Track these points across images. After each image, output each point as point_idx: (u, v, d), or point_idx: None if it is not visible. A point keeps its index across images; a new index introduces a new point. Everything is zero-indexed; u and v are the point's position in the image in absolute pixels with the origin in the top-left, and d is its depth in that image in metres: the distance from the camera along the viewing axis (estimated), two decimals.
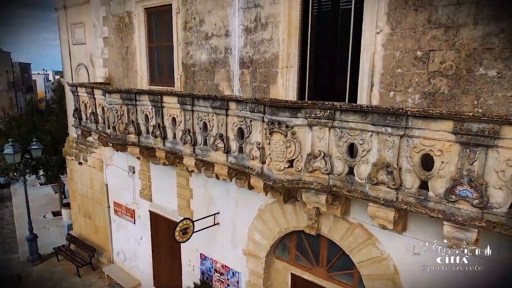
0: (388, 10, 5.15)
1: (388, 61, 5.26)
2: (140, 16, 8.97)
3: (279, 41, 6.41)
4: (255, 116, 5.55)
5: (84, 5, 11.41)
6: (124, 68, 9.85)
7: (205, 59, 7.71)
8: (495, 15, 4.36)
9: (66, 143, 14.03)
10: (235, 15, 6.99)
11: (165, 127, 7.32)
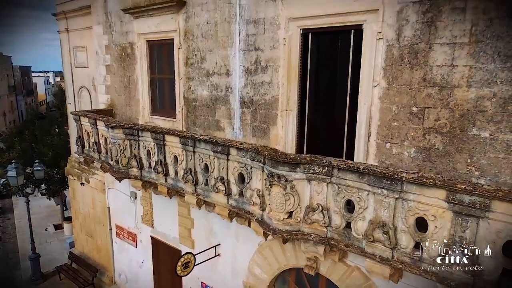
0: (384, 65, 5.30)
1: (385, 114, 5.41)
2: (142, 47, 9.11)
3: (279, 85, 6.56)
4: (255, 164, 5.70)
5: (87, 30, 11.56)
6: (126, 97, 9.99)
7: (206, 95, 7.86)
8: (487, 80, 4.51)
9: (69, 163, 14.18)
10: (235, 56, 7.14)
11: (167, 164, 7.47)
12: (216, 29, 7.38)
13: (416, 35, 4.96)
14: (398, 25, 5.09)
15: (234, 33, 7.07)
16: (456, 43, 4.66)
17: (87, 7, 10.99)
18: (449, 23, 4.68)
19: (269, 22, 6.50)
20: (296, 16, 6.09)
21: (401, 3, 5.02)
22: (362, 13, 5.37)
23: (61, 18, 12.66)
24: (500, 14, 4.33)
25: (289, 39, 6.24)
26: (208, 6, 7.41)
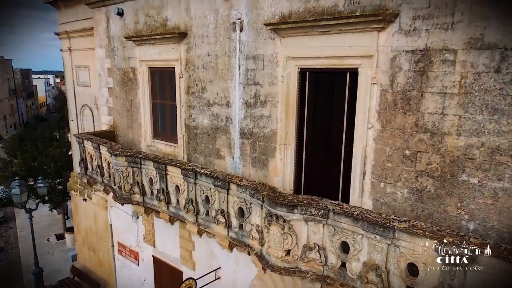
0: (378, 109, 5.52)
1: (379, 155, 5.62)
2: (144, 73, 9.32)
3: (278, 119, 6.77)
4: (254, 201, 5.92)
5: (89, 50, 11.76)
6: (128, 119, 10.21)
7: (207, 124, 8.07)
8: (476, 129, 4.72)
9: (71, 178, 14.39)
10: (235, 89, 7.35)
11: (169, 192, 7.68)
12: (216, 61, 7.60)
13: (408, 83, 5.18)
14: (391, 71, 5.31)
15: (234, 67, 7.28)
16: (447, 93, 4.88)
17: (90, 29, 11.19)
18: (440, 74, 4.90)
19: (268, 59, 6.71)
20: (294, 56, 6.31)
21: (395, 52, 5.23)
22: (357, 57, 5.58)
23: (64, 37, 12.86)
24: (488, 68, 4.54)
25: (288, 76, 6.45)
26: (209, 39, 7.62)
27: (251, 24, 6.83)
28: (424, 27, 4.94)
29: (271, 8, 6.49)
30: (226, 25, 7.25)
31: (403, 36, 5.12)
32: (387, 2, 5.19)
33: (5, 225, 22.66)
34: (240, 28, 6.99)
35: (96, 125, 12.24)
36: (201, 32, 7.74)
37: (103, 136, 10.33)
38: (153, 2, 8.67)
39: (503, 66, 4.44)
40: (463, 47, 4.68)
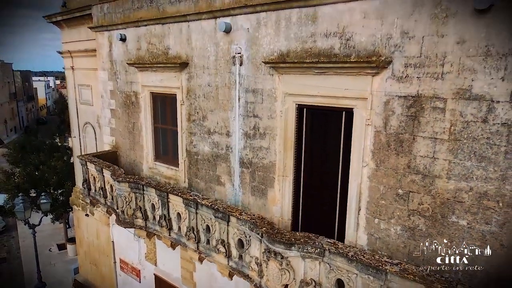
0: (373, 148, 5.75)
1: (373, 192, 5.85)
2: (146, 98, 9.55)
3: (276, 152, 7.00)
4: (253, 235, 6.15)
5: (92, 71, 11.98)
6: (130, 141, 10.43)
7: (208, 151, 8.29)
8: (465, 174, 4.95)
9: (73, 193, 14.61)
10: (235, 119, 7.58)
11: (171, 219, 7.91)
12: (217, 92, 7.82)
13: (401, 126, 5.41)
14: (385, 114, 5.54)
15: (234, 99, 7.51)
16: (437, 139, 5.11)
17: (93, 50, 11.41)
18: (431, 120, 5.13)
19: (267, 94, 6.94)
20: (291, 93, 6.54)
21: (388, 96, 5.46)
22: (352, 99, 5.81)
23: (67, 56, 13.09)
24: (476, 118, 4.77)
25: (286, 112, 6.69)
26: (209, 70, 7.85)
27: (251, 59, 7.06)
28: (415, 75, 5.17)
29: (270, 46, 6.72)
30: (226, 58, 7.47)
31: (396, 82, 5.35)
32: (380, 49, 5.42)
33: (7, 234, 22.89)
34: (240, 62, 7.22)
35: (99, 143, 12.47)
36: (202, 63, 7.97)
37: (106, 157, 10.57)
38: (155, 31, 8.89)
39: (489, 117, 4.68)
40: (452, 97, 4.91)
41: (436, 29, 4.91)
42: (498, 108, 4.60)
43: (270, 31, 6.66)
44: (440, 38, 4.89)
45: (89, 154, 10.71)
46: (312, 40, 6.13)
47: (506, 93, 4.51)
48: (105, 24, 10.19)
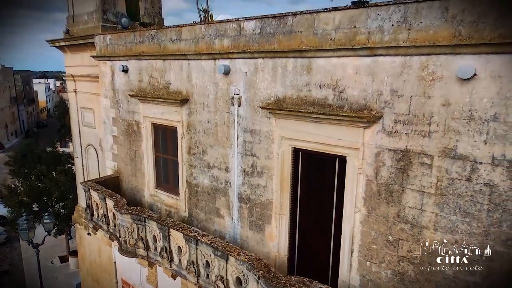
0: (364, 196, 6.03)
1: (365, 236, 6.13)
2: (148, 128, 9.83)
3: (273, 190, 7.28)
4: (251, 275, 6.43)
5: (94, 95, 12.25)
6: (132, 168, 10.71)
7: (208, 184, 8.57)
8: (450, 228, 5.23)
9: (76, 212, 14.89)
10: (234, 157, 7.86)
11: (172, 251, 8.19)
12: (216, 129, 8.10)
13: (391, 177, 5.69)
14: (376, 165, 5.82)
15: (233, 137, 7.79)
16: (425, 192, 5.39)
17: (95, 76, 11.68)
18: (419, 174, 5.41)
19: (264, 135, 7.22)
20: (287, 136, 6.82)
21: (379, 148, 5.74)
22: (345, 147, 6.09)
23: (70, 79, 13.36)
24: (460, 176, 5.05)
25: (282, 154, 6.97)
26: (209, 108, 8.13)
27: (249, 101, 7.34)
28: (404, 131, 5.45)
29: (267, 90, 7.00)
30: (225, 98, 7.75)
31: (386, 136, 5.63)
32: (371, 103, 5.70)
33: (9, 245, 23.16)
34: (239, 103, 7.50)
35: (101, 165, 12.74)
36: (201, 100, 8.25)
37: (108, 183, 10.86)
38: (156, 65, 9.17)
39: (473, 176, 4.96)
40: (438, 154, 5.19)
41: (423, 90, 5.19)
42: (481, 169, 4.88)
43: (267, 76, 6.94)
44: (427, 99, 5.17)
45: (92, 180, 10.98)
46: (307, 89, 6.41)
47: (488, 156, 4.79)
48: (108, 54, 10.47)
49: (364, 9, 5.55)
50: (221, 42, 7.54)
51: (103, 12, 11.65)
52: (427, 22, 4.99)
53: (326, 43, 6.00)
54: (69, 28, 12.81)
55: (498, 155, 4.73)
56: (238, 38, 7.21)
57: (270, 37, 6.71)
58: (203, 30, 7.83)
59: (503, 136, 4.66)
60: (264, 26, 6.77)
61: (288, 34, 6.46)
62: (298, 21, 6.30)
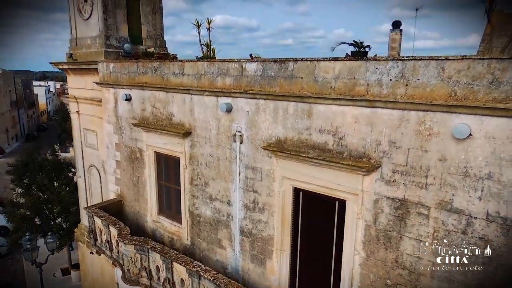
0: (364, 240, 6.19)
1: (364, 279, 6.29)
2: (151, 157, 9.99)
3: (274, 227, 7.44)
4: None
5: (97, 118, 12.41)
6: (135, 193, 10.87)
7: (210, 215, 8.73)
8: (446, 277, 5.39)
9: (78, 229, 15.04)
10: (236, 191, 8.02)
11: (175, 283, 8.34)
12: (218, 163, 8.26)
13: (389, 224, 5.85)
14: (374, 211, 5.98)
15: (235, 172, 7.95)
16: (422, 241, 5.55)
17: (98, 100, 11.85)
18: (416, 223, 5.57)
19: (265, 173, 7.38)
20: (288, 177, 6.98)
21: (377, 195, 5.90)
22: (345, 192, 6.25)
23: (73, 101, 13.51)
24: (456, 229, 5.21)
25: (283, 192, 7.13)
26: (211, 142, 8.29)
27: (250, 139, 7.50)
28: (402, 181, 5.61)
29: (268, 131, 7.16)
30: (227, 134, 7.91)
31: (384, 184, 5.79)
32: (370, 152, 5.86)
33: (11, 257, 23.26)
34: (240, 141, 7.66)
35: (104, 187, 12.90)
36: (204, 134, 8.41)
37: (111, 207, 11.03)
38: (159, 96, 9.33)
39: (468, 230, 5.12)
40: (435, 206, 5.35)
41: (420, 144, 5.35)
42: (476, 224, 5.04)
43: (269, 117, 7.10)
44: (424, 153, 5.34)
45: (95, 205, 11.13)
46: (308, 133, 6.57)
47: (483, 211, 4.96)
48: (111, 82, 10.63)
49: (363, 62, 5.72)
50: (223, 80, 7.70)
51: (106, 37, 11.81)
52: (424, 80, 5.16)
53: (326, 90, 6.16)
54: (72, 51, 12.97)
55: (492, 212, 4.89)
56: (240, 78, 7.37)
57: (272, 80, 6.87)
58: (206, 67, 7.99)
59: (497, 194, 4.82)
60: (265, 69, 6.93)
61: (289, 78, 6.62)
62: (299, 67, 6.46)
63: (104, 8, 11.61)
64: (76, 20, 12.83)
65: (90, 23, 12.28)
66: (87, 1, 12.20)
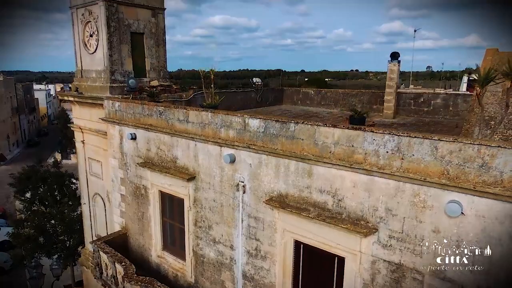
0: None
1: None
2: (155, 195, 10.27)
3: (276, 275, 7.72)
4: None
5: (102, 149, 12.70)
6: (140, 227, 11.15)
7: (213, 257, 9.02)
8: None
9: (83, 254, 15.32)
10: (239, 237, 8.31)
11: None
12: (221, 208, 8.55)
13: (385, 285, 6.13)
14: (372, 271, 6.27)
15: (238, 219, 8.24)
16: None
17: (104, 133, 12.13)
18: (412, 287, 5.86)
19: (267, 224, 7.67)
20: (290, 230, 7.27)
21: (374, 257, 6.19)
22: (344, 250, 6.54)
23: (78, 131, 13.80)
24: None
25: (284, 244, 7.42)
26: (215, 188, 8.57)
27: (253, 190, 7.78)
28: (398, 247, 5.90)
29: (270, 184, 7.45)
30: (231, 182, 8.20)
31: (381, 248, 6.08)
32: (368, 216, 6.15)
33: (15, 272, 23.56)
34: (243, 191, 7.95)
35: (108, 216, 13.18)
36: (208, 180, 8.70)
37: (116, 241, 11.31)
38: (164, 139, 9.62)
39: None
40: (429, 273, 5.64)
41: (415, 215, 5.64)
42: None
43: (271, 172, 7.39)
44: (419, 223, 5.63)
45: (101, 239, 11.41)
46: (308, 191, 6.87)
47: (474, 285, 5.24)
48: (116, 119, 10.92)
49: (361, 132, 6.01)
50: (226, 132, 7.99)
51: (111, 73, 12.10)
52: (419, 156, 5.45)
53: (326, 154, 6.45)
54: (78, 82, 13.26)
55: (483, 285, 5.18)
56: (243, 132, 7.66)
57: (274, 137, 7.16)
58: (210, 117, 8.29)
59: (487, 270, 5.10)
60: (268, 126, 7.22)
61: (291, 138, 6.91)
62: (299, 129, 6.75)
63: (109, 44, 11.90)
64: (81, 53, 13.13)
65: (95, 57, 12.57)
66: (92, 35, 12.49)
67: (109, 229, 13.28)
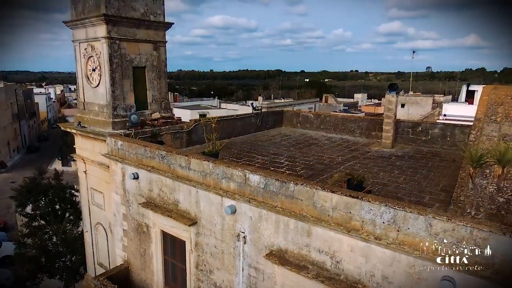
0: None
1: None
2: (157, 234, 10.45)
3: None
4: None
5: (104, 182, 12.87)
6: (142, 263, 11.33)
7: None
8: None
9: (85, 281, 15.49)
10: (240, 285, 8.48)
11: None
12: (222, 256, 8.73)
13: None
14: None
15: (238, 267, 8.42)
16: None
17: (106, 166, 12.30)
18: None
19: (267, 276, 7.85)
20: (289, 285, 7.45)
21: None
22: None
23: (80, 161, 13.98)
24: None
25: None
26: (216, 235, 8.76)
27: (253, 242, 7.97)
28: None
29: (270, 238, 7.63)
30: (232, 232, 8.38)
31: None
32: (365, 281, 6.33)
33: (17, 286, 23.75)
34: (244, 241, 8.13)
35: (110, 247, 13.35)
36: (209, 227, 8.88)
37: (119, 275, 11.50)
38: (166, 182, 9.80)
39: None
40: None
41: (410, 285, 5.82)
42: None
43: (270, 227, 7.57)
44: None
45: (103, 275, 11.57)
46: (307, 250, 7.05)
47: None
48: (119, 157, 11.10)
49: (359, 200, 6.19)
50: (228, 183, 8.17)
51: (113, 108, 12.28)
52: (414, 230, 5.64)
53: (324, 217, 6.64)
54: (80, 114, 13.44)
55: None
56: (244, 186, 7.85)
57: (274, 195, 7.35)
58: (211, 167, 8.47)
59: None
60: (268, 183, 7.40)
61: (290, 198, 7.10)
62: (299, 189, 6.94)
63: (111, 80, 12.08)
64: (84, 86, 13.31)
65: (98, 91, 12.75)
66: (94, 70, 12.67)
67: (111, 259, 13.47)
